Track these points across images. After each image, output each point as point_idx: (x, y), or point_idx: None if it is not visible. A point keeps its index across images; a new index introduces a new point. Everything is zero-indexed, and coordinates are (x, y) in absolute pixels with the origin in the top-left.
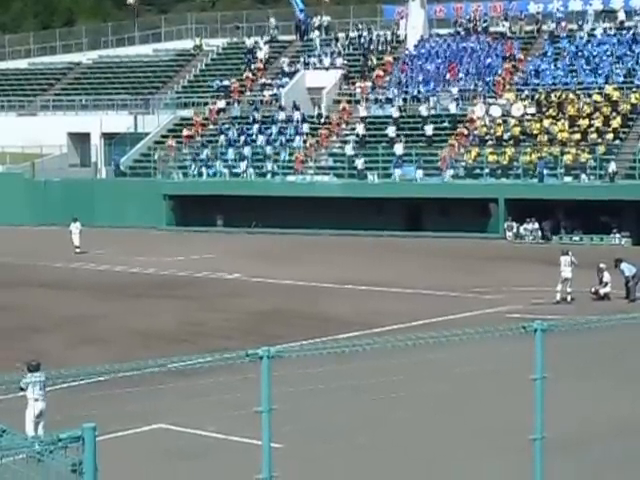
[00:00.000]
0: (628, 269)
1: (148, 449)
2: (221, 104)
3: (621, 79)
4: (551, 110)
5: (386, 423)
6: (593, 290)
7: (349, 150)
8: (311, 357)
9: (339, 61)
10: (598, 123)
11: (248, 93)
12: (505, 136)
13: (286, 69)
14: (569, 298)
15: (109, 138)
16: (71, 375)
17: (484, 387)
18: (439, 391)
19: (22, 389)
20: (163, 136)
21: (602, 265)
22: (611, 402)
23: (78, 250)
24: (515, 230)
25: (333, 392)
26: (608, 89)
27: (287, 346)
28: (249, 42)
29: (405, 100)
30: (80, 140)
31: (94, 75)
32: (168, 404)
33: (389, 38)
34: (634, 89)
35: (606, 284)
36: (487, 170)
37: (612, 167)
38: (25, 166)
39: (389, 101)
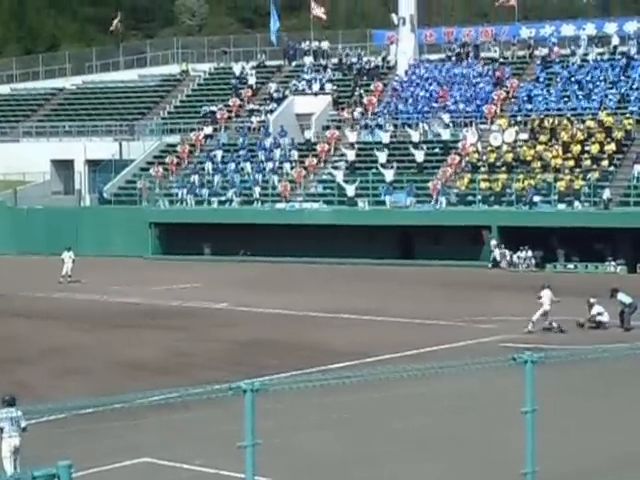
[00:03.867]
0: (626, 298)
1: None
2: (208, 130)
3: (615, 105)
4: (544, 136)
5: (374, 458)
6: (581, 321)
7: (339, 177)
8: (299, 389)
9: (328, 87)
10: (592, 149)
11: (235, 119)
12: (498, 162)
13: (274, 95)
14: (554, 324)
15: (93, 165)
16: (47, 410)
17: (474, 420)
18: (428, 424)
19: None
20: (148, 163)
21: (592, 300)
22: (604, 434)
23: (69, 279)
24: (508, 258)
25: (321, 426)
26: (602, 115)
27: (276, 377)
28: (236, 67)
29: (396, 126)
30: (64, 167)
31: (78, 101)
32: (152, 437)
33: (379, 63)
34: (627, 115)
35: (599, 314)
36: (479, 197)
37: (606, 194)
38: (7, 194)
39: (379, 127)
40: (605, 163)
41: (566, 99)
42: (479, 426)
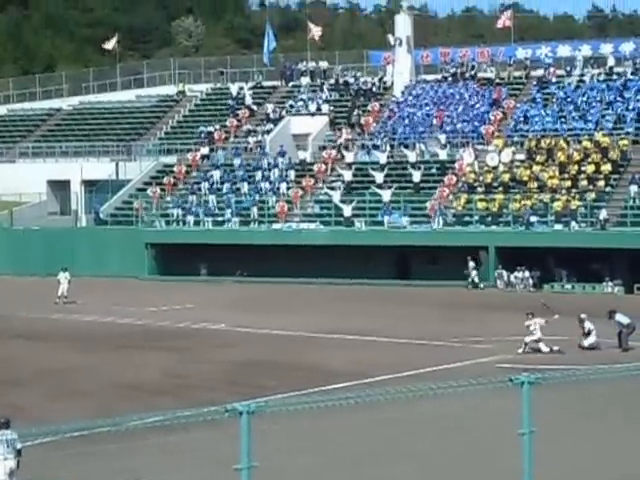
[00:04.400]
0: (624, 319)
1: None
2: (205, 151)
3: (611, 125)
4: (541, 156)
5: None
6: (579, 345)
7: (336, 197)
8: (295, 410)
9: (325, 107)
10: (588, 170)
11: (232, 139)
12: (494, 183)
13: (271, 115)
14: (556, 349)
15: (90, 185)
16: (42, 433)
17: (472, 441)
18: (427, 445)
19: None
20: (145, 183)
21: (582, 315)
22: (602, 456)
23: (65, 300)
24: (506, 279)
25: (319, 447)
26: (598, 135)
27: (273, 398)
28: (233, 88)
29: (392, 146)
30: (60, 188)
31: (75, 121)
32: (148, 460)
33: (376, 84)
34: (623, 136)
35: (589, 332)
36: (476, 217)
37: (603, 214)
38: (3, 214)
39: (376, 147)
40: (601, 183)
41: (562, 119)
42: (477, 447)
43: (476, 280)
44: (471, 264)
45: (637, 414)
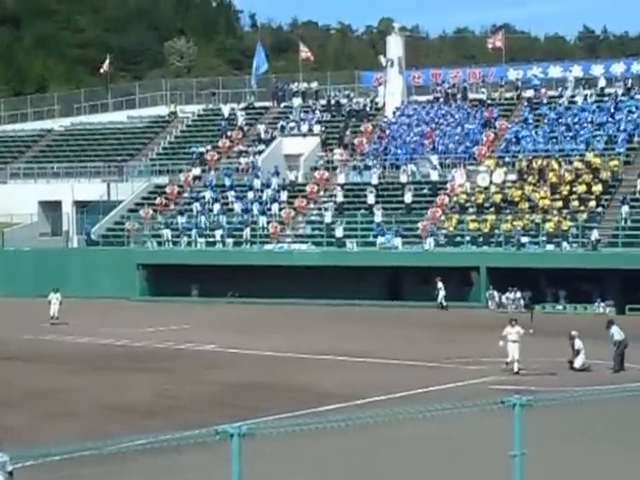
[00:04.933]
0: (618, 333)
1: None
2: (196, 171)
3: (602, 146)
4: (532, 177)
5: None
6: (569, 361)
7: (328, 217)
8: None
9: (317, 128)
10: (580, 190)
11: (224, 160)
12: (486, 203)
13: (263, 136)
14: (516, 367)
15: (81, 206)
16: (34, 455)
17: (464, 463)
18: (418, 467)
19: None
20: (137, 204)
21: (573, 333)
22: (594, 479)
23: (57, 321)
24: (497, 299)
25: (311, 470)
26: (589, 156)
27: (265, 419)
28: (225, 109)
29: (384, 167)
30: (51, 208)
31: (66, 142)
32: None
33: (367, 105)
34: (614, 156)
35: (578, 352)
36: (468, 238)
37: (594, 235)
38: None
39: (368, 168)
40: (593, 204)
41: (554, 140)
42: (469, 469)
43: (443, 302)
44: (439, 285)
45: (628, 436)
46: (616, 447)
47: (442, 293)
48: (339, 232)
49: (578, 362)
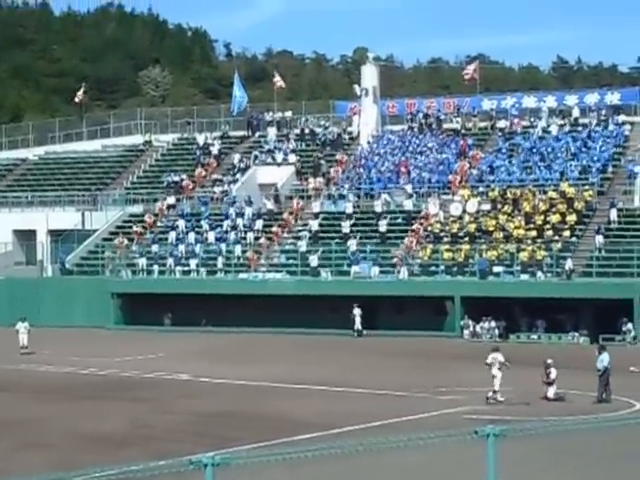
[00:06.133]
0: (608, 361)
1: None
2: (171, 200)
3: (576, 176)
4: (506, 207)
5: None
6: (543, 396)
7: (302, 246)
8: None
9: (292, 157)
10: (554, 220)
11: (199, 189)
12: (460, 233)
13: (238, 165)
14: (499, 397)
15: (56, 235)
16: None
17: None
18: None
19: None
20: (111, 233)
21: (549, 361)
22: None
23: (26, 351)
24: (472, 328)
25: None
26: (563, 186)
27: (239, 449)
28: (200, 138)
29: (359, 196)
30: (26, 237)
31: (40, 171)
32: None
33: (342, 134)
34: (588, 186)
35: (552, 382)
36: (443, 267)
37: (569, 264)
38: None
39: (342, 197)
40: (567, 234)
41: (528, 170)
42: None
43: (360, 327)
44: (356, 311)
45: (601, 468)
46: (593, 477)
47: (358, 320)
48: (314, 261)
49: (551, 392)
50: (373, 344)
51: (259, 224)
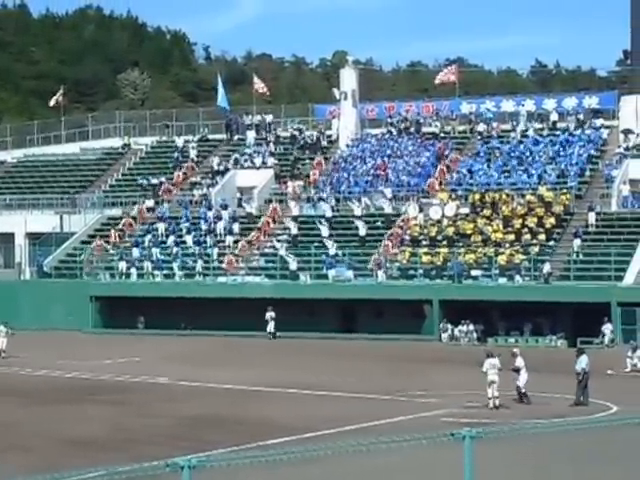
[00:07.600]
0: (586, 364)
1: None
2: (150, 203)
3: (554, 180)
4: (485, 210)
5: None
6: (517, 393)
7: (281, 250)
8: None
9: (270, 160)
10: (532, 224)
11: (177, 192)
12: (439, 237)
13: (216, 168)
14: (497, 402)
15: (34, 238)
16: None
17: None
18: None
19: None
20: (90, 236)
21: (515, 350)
22: None
23: (4, 355)
24: (450, 332)
25: None
26: (541, 190)
27: (216, 452)
28: (179, 141)
29: (338, 199)
30: (4, 240)
31: (19, 174)
32: None
33: (321, 137)
34: (566, 190)
35: (518, 370)
36: (421, 271)
37: (547, 268)
38: None
39: (322, 200)
40: (545, 237)
41: (506, 174)
42: None
43: (272, 330)
44: (270, 314)
45: (580, 468)
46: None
47: (271, 323)
48: (293, 264)
49: (522, 380)
50: (352, 347)
51: (237, 227)
